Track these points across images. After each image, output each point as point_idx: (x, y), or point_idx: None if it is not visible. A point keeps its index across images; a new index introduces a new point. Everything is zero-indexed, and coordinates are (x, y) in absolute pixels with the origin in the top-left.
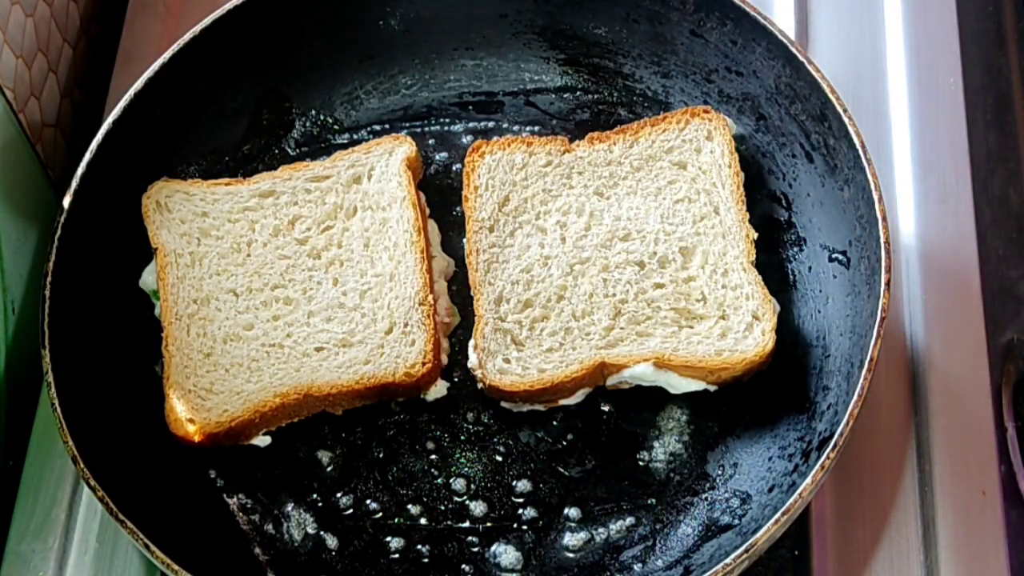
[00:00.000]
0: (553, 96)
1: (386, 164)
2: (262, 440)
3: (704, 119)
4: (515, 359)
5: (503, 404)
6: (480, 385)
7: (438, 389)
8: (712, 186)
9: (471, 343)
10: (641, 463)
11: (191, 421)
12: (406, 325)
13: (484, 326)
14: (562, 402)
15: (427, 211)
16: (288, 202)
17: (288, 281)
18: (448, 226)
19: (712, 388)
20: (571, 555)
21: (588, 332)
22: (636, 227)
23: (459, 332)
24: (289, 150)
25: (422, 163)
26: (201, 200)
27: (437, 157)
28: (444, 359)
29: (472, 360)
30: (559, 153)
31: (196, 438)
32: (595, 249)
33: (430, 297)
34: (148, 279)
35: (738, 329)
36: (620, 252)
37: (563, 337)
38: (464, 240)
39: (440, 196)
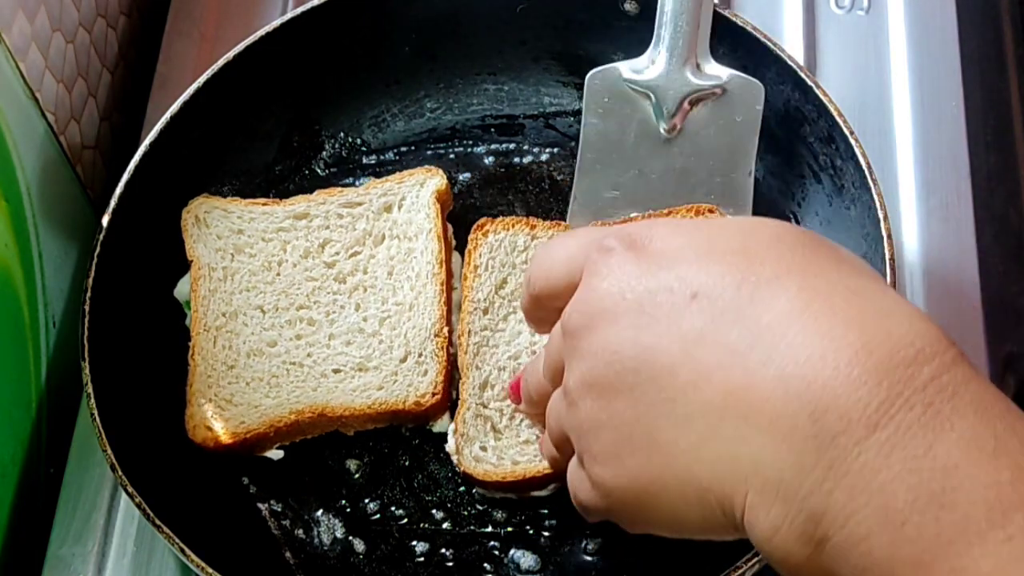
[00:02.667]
0: (572, 119)
1: (416, 195)
2: (275, 453)
3: (708, 217)
4: (491, 447)
5: (475, 491)
6: (458, 468)
7: (443, 423)
8: None
9: (451, 427)
10: None
11: (209, 429)
12: (420, 355)
13: (466, 411)
14: (534, 493)
15: (453, 243)
16: (320, 225)
17: (313, 303)
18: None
19: None
20: (589, 558)
21: None
22: None
23: None
24: (319, 171)
25: (452, 196)
26: (238, 218)
27: (460, 177)
28: (454, 393)
29: (450, 444)
30: None
31: (211, 445)
32: None
33: (445, 329)
34: (183, 289)
35: None
36: None
37: (540, 430)
38: (456, 318)
39: (462, 215)
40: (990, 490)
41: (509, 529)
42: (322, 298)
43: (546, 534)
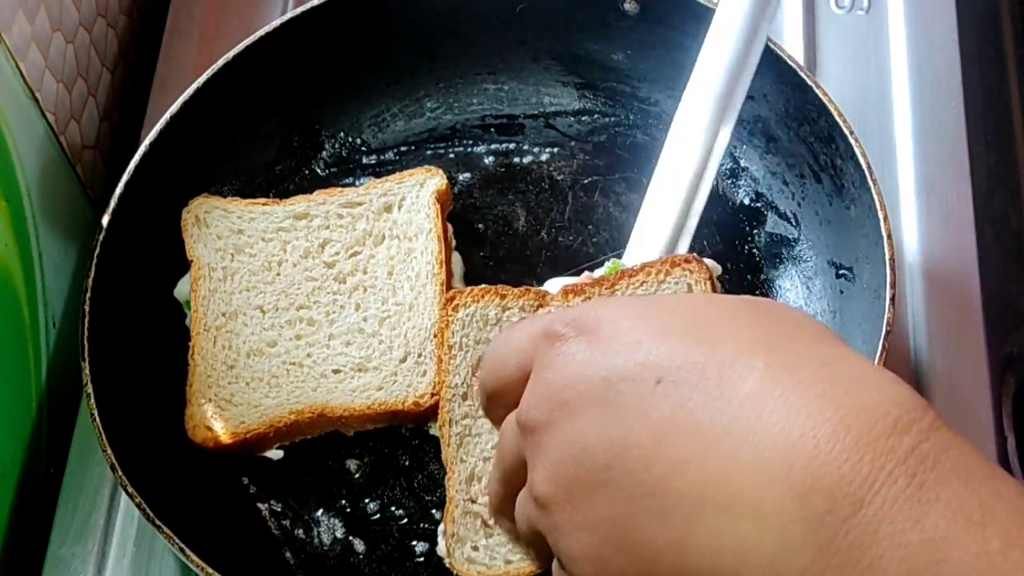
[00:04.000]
0: (572, 119)
1: (416, 195)
2: (275, 453)
3: (685, 269)
4: (483, 547)
5: None
6: (452, 571)
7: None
8: None
9: (440, 528)
10: None
11: (209, 429)
12: (420, 355)
13: (455, 509)
14: None
15: (453, 243)
16: (320, 225)
17: (313, 303)
18: (469, 244)
19: None
20: None
21: None
22: None
23: None
24: (319, 171)
25: (452, 196)
26: (238, 218)
27: (460, 177)
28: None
29: (440, 547)
30: (532, 308)
31: (211, 445)
32: None
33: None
34: (183, 289)
35: None
36: None
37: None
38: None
39: (462, 215)
40: (980, 560)
41: None
42: (322, 298)
43: None
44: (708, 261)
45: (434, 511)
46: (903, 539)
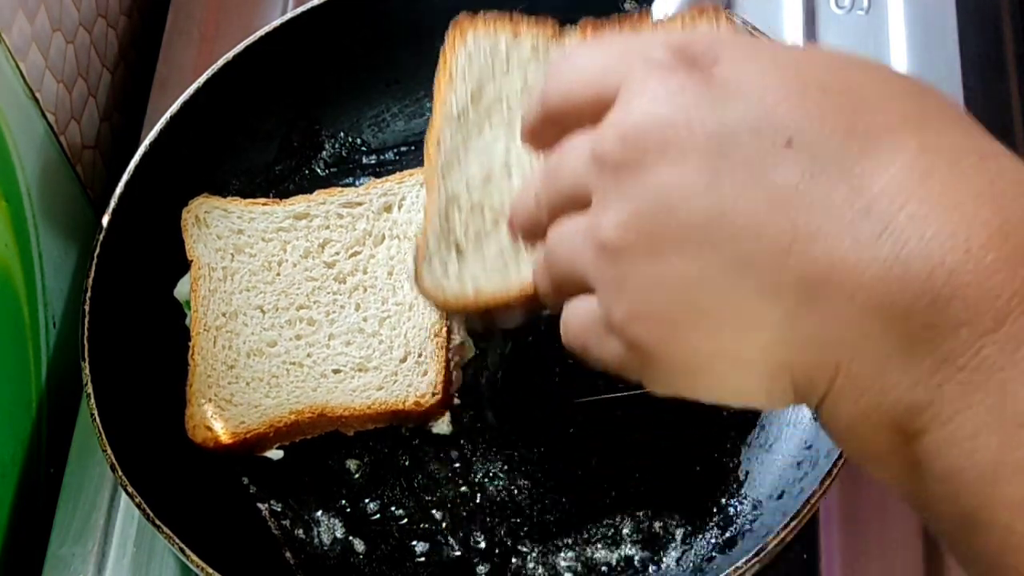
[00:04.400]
0: None
1: (416, 195)
2: (275, 453)
3: (712, 20)
4: (452, 272)
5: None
6: (414, 291)
7: (442, 424)
8: None
9: (411, 254)
10: None
11: (209, 429)
12: (420, 355)
13: (429, 232)
14: (501, 326)
15: None
16: (320, 225)
17: (313, 303)
18: None
19: None
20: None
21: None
22: None
23: (470, 367)
24: (319, 170)
25: None
26: (238, 218)
27: None
28: (456, 399)
29: (408, 266)
30: (546, 41)
31: (211, 445)
32: None
33: (444, 330)
34: (183, 289)
35: None
36: None
37: (510, 251)
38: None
39: None
40: None
41: (510, 527)
42: (322, 298)
43: (544, 531)
44: (736, 19)
45: (434, 511)
46: None
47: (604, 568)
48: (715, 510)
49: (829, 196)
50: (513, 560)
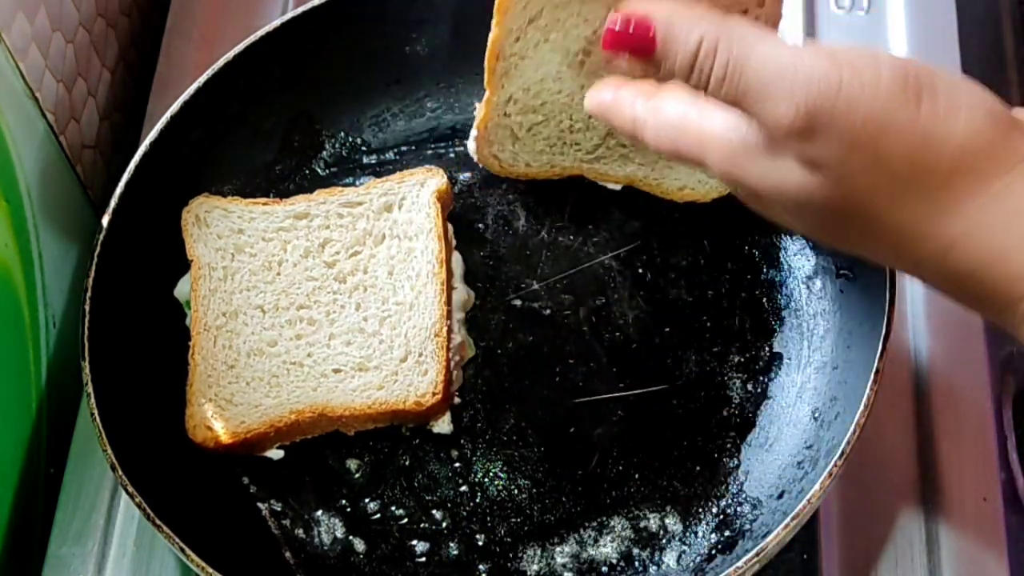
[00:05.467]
0: None
1: (417, 195)
2: (275, 453)
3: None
4: (509, 151)
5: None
6: (475, 160)
7: (443, 424)
8: None
9: (472, 131)
10: None
11: (209, 429)
12: (420, 355)
13: (490, 120)
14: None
15: (453, 243)
16: (321, 225)
17: (313, 302)
18: (469, 243)
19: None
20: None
21: (578, 143)
22: None
23: (470, 367)
24: (319, 170)
25: (452, 195)
26: (238, 217)
27: (460, 177)
28: (456, 399)
29: (470, 144)
30: None
31: (211, 445)
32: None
33: (445, 329)
34: (183, 289)
35: None
36: None
37: (555, 142)
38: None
39: (463, 214)
40: None
41: (510, 527)
42: (322, 298)
43: (545, 531)
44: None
45: (434, 511)
46: None
47: (604, 568)
48: (715, 510)
49: None
50: (513, 560)
